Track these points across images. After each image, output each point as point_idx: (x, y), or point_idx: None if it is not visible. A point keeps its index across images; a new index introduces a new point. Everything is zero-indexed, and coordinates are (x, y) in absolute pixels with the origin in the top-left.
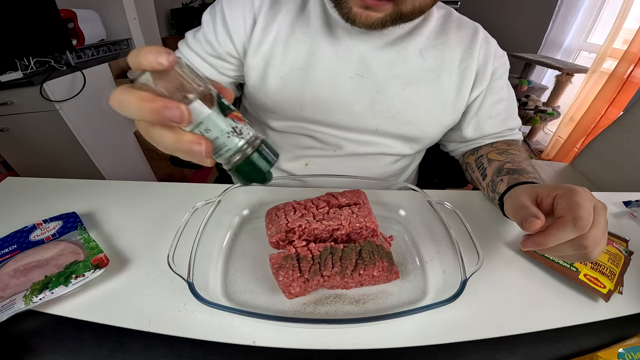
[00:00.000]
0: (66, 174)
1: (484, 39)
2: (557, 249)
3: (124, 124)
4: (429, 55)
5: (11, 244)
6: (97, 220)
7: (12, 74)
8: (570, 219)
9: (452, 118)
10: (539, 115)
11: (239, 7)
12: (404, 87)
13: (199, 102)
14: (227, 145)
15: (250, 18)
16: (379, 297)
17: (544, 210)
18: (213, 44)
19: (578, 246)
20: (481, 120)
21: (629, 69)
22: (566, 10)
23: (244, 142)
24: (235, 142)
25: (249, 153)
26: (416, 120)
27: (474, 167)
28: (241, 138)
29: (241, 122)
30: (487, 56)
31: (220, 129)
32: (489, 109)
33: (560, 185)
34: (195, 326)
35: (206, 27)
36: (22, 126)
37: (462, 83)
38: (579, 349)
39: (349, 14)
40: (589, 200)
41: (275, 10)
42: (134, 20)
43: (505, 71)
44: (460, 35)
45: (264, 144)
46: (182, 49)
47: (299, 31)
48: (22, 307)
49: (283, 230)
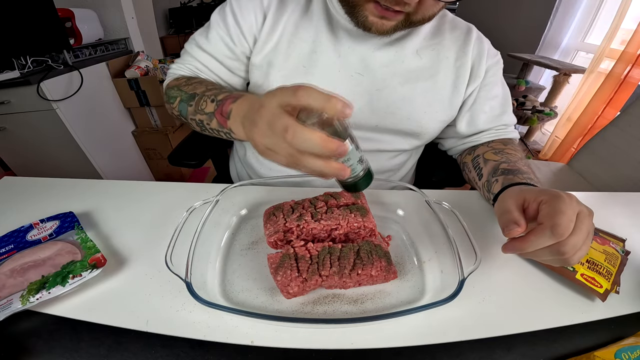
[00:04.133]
0: (63, 173)
1: (477, 38)
2: (535, 254)
3: (121, 123)
4: (425, 54)
5: (8, 244)
6: (94, 219)
7: (9, 73)
8: (548, 226)
9: (449, 114)
10: (536, 115)
11: (250, 6)
12: (402, 85)
13: (348, 140)
14: (356, 170)
15: (260, 16)
16: (377, 297)
17: (530, 215)
18: (228, 44)
19: (556, 252)
20: (474, 114)
21: (626, 69)
22: (564, 11)
23: (363, 166)
24: (360, 167)
25: (362, 175)
26: (414, 116)
27: (471, 167)
28: (363, 164)
29: (361, 150)
30: (481, 54)
31: (356, 159)
32: (482, 105)
33: (547, 190)
34: (193, 326)
35: (218, 28)
36: (19, 125)
37: (458, 80)
38: (576, 349)
39: (365, 22)
40: (572, 207)
41: (282, 10)
42: (132, 19)
43: (499, 69)
44: (455, 35)
45: (370, 167)
46: (193, 52)
47: (303, 30)
48: (19, 307)
49: (281, 230)
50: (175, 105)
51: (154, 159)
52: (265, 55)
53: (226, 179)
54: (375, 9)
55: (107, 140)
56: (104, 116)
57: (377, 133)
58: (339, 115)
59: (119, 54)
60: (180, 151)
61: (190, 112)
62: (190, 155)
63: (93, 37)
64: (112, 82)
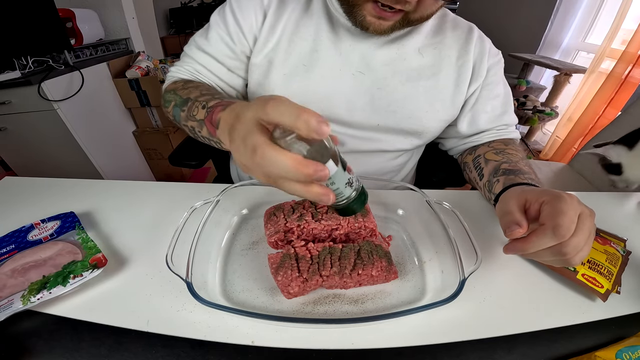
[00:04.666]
0: (64, 173)
1: (479, 37)
2: (537, 255)
3: (122, 124)
4: (427, 53)
5: (9, 244)
6: (95, 219)
7: (10, 73)
8: (550, 226)
9: (451, 113)
10: (537, 115)
11: (250, 5)
12: (403, 83)
13: (331, 162)
14: (344, 194)
15: (260, 15)
16: (378, 297)
17: (531, 216)
18: (228, 43)
19: (557, 253)
20: (476, 114)
21: (627, 69)
22: (565, 11)
23: (353, 190)
24: (349, 191)
25: (354, 197)
26: (416, 115)
27: (472, 167)
28: (352, 187)
29: (351, 173)
30: (482, 54)
31: (342, 182)
32: (484, 104)
33: (549, 190)
34: (194, 326)
35: (218, 28)
36: (20, 126)
37: (460, 79)
38: (577, 349)
39: (363, 22)
40: (574, 208)
41: (282, 9)
42: (133, 19)
43: (500, 68)
44: (456, 34)
45: (363, 188)
46: (192, 53)
47: (303, 29)
48: (20, 307)
49: (282, 230)
50: (170, 110)
51: (155, 159)
52: (266, 55)
53: (227, 179)
54: (373, 9)
55: (108, 140)
56: (104, 116)
57: (378, 133)
58: (311, 135)
59: (119, 54)
60: (181, 151)
61: (183, 117)
62: (190, 156)
63: (94, 37)
64: (112, 82)
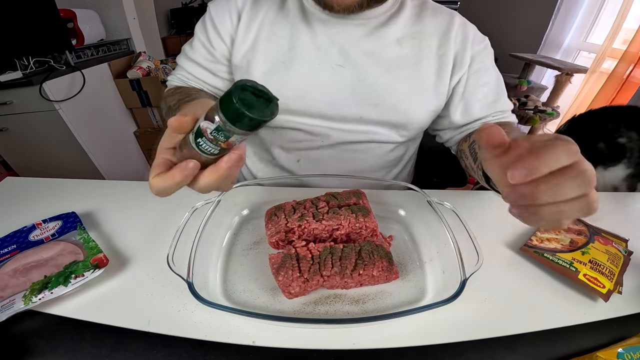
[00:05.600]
0: (65, 173)
1: (461, 24)
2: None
3: (123, 124)
4: (406, 43)
5: (10, 244)
6: (96, 220)
7: (11, 73)
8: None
9: (436, 103)
10: (538, 115)
11: (225, 8)
12: (384, 75)
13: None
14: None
15: (235, 16)
16: (379, 297)
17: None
18: (208, 48)
19: (579, 174)
20: (468, 103)
21: (628, 69)
22: (566, 10)
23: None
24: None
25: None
26: (399, 107)
27: (467, 154)
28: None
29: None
30: (465, 41)
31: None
32: (474, 92)
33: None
34: (195, 326)
35: (200, 35)
36: (21, 126)
37: (441, 69)
38: (578, 349)
39: (326, 0)
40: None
41: (257, 9)
42: (134, 20)
43: (488, 54)
44: (436, 22)
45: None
46: (182, 63)
47: (279, 27)
48: (21, 307)
49: (282, 230)
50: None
51: None
52: (244, 55)
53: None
54: None
55: (109, 140)
56: (106, 116)
57: (362, 125)
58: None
59: (120, 54)
60: None
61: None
62: None
63: (95, 37)
64: (114, 82)
